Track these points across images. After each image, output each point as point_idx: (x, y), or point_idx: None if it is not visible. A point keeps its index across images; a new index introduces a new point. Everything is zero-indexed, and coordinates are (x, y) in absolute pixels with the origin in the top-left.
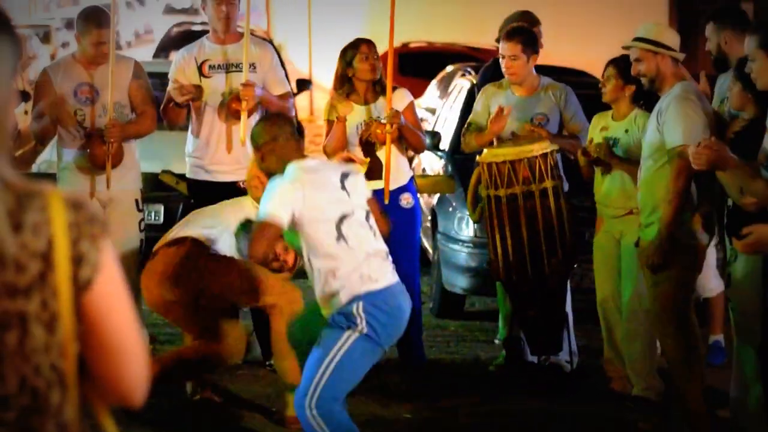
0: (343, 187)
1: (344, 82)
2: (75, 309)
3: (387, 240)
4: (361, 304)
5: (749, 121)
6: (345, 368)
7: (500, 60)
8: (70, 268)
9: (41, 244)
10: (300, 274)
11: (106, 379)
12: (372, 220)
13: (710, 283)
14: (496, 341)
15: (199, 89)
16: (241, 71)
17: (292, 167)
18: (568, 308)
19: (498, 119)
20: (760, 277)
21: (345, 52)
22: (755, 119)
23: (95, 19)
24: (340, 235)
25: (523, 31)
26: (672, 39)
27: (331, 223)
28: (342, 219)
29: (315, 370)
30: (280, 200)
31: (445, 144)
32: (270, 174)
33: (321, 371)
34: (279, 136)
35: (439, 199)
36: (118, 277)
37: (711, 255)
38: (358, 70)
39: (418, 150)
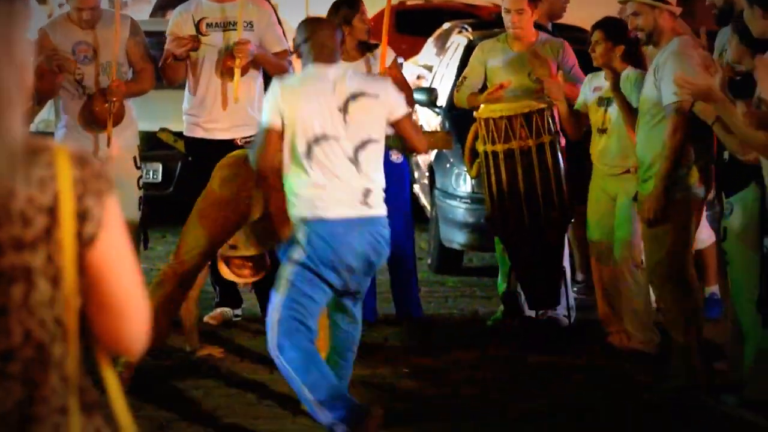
0: (343, 110)
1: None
2: (78, 264)
3: None
4: (304, 228)
5: (745, 73)
6: (293, 295)
7: (505, 14)
8: (74, 224)
9: (47, 199)
10: None
11: (107, 333)
12: (363, 154)
13: (701, 234)
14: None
15: (196, 39)
16: (237, 29)
17: (276, 83)
18: (566, 263)
19: (495, 94)
20: (756, 229)
21: (340, 9)
22: (751, 72)
23: None
24: (309, 152)
25: None
26: None
27: (303, 138)
28: (317, 139)
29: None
30: (269, 109)
31: (442, 100)
32: None
33: (273, 306)
34: (310, 37)
35: (437, 155)
36: (122, 234)
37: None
38: (357, 29)
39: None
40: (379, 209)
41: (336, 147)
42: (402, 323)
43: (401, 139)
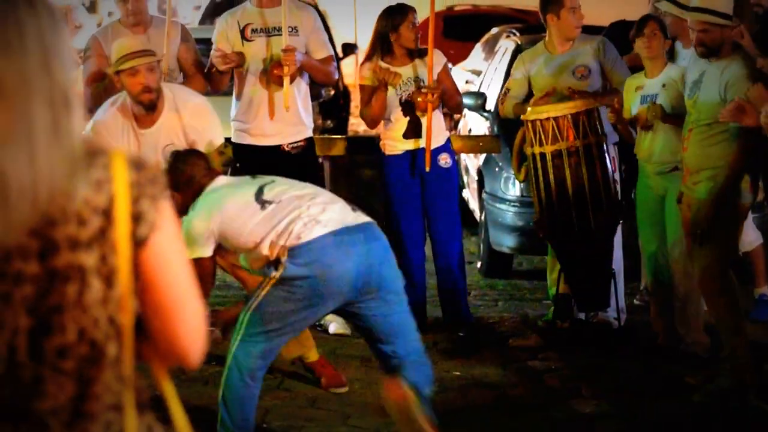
0: (259, 199)
1: (383, 45)
2: (132, 265)
3: (430, 193)
4: (286, 252)
5: None
6: (259, 317)
7: (568, 14)
8: (129, 226)
9: (103, 200)
10: None
11: (162, 336)
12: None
13: (748, 236)
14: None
15: (241, 56)
16: (281, 35)
17: (200, 200)
18: (619, 265)
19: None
20: None
21: (391, 16)
22: None
23: None
24: (262, 203)
25: None
26: (729, 6)
27: (250, 205)
28: (260, 190)
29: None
30: (197, 239)
31: (490, 105)
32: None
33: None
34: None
35: (486, 159)
36: (175, 237)
37: None
38: (404, 37)
39: (455, 111)
40: None
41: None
42: (451, 326)
43: None
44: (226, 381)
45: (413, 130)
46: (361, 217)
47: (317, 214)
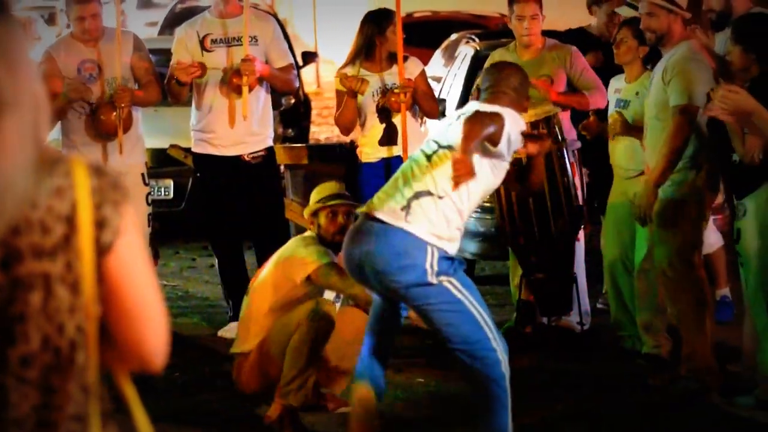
0: None
1: (366, 50)
2: (96, 272)
3: None
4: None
5: (751, 80)
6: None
7: (516, 22)
8: (93, 232)
9: (66, 208)
10: None
11: (126, 342)
12: None
13: (709, 238)
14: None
15: (202, 67)
16: (242, 45)
17: None
18: (581, 269)
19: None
20: None
21: (377, 20)
22: (759, 77)
23: None
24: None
25: None
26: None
27: None
28: None
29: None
30: None
31: (450, 111)
32: None
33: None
34: None
35: None
36: (138, 242)
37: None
38: (390, 41)
39: (431, 116)
40: None
41: None
42: (417, 331)
43: None
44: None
45: (388, 138)
46: None
47: None
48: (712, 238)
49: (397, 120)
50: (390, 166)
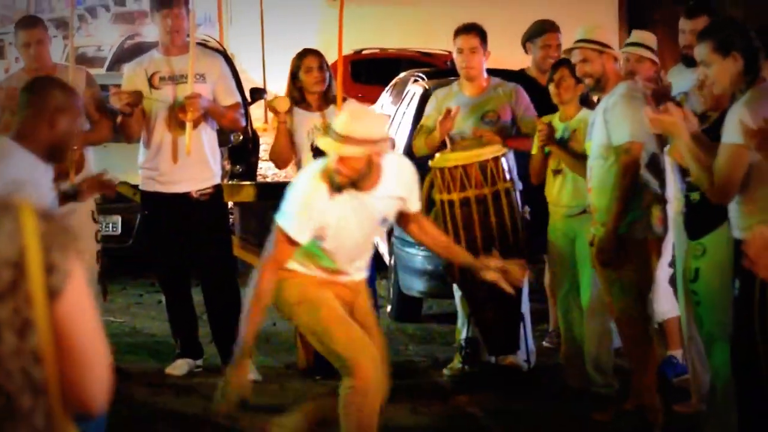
0: None
1: (294, 91)
2: (49, 315)
3: None
4: None
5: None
6: None
7: (457, 55)
8: (42, 276)
9: (13, 252)
10: None
11: (70, 385)
12: None
13: (662, 306)
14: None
15: (137, 93)
16: (188, 82)
17: None
18: (526, 307)
19: (446, 120)
20: (729, 268)
21: (292, 62)
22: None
23: (21, 22)
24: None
25: (479, 26)
26: (612, 39)
27: None
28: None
29: None
30: None
31: (399, 149)
32: None
33: None
34: None
35: None
36: (85, 287)
37: (662, 274)
38: (304, 82)
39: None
40: None
41: None
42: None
43: None
44: None
45: None
46: None
47: None
48: (666, 306)
49: None
50: None
